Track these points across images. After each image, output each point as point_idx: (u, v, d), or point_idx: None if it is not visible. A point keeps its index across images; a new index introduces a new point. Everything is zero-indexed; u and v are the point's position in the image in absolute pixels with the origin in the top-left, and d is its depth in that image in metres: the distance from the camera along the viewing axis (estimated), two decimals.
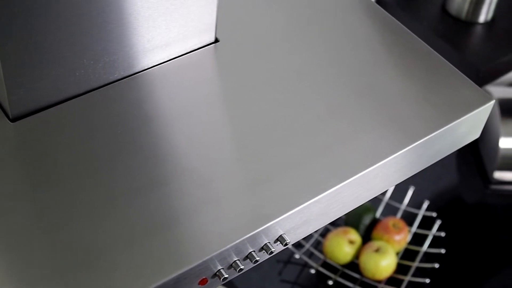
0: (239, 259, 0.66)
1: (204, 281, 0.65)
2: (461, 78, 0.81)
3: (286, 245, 0.68)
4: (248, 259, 0.67)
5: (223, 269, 0.65)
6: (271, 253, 0.67)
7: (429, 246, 1.39)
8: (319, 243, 1.37)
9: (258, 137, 0.72)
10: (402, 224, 1.35)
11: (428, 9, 1.42)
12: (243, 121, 0.74)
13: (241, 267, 0.66)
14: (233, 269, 0.66)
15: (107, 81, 0.75)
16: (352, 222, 1.37)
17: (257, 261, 0.67)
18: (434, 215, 1.44)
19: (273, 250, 0.67)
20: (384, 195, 1.45)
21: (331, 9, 0.87)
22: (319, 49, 0.82)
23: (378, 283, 1.31)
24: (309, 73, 0.79)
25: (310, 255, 1.36)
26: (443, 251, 1.37)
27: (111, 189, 0.67)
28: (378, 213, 1.42)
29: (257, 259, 0.67)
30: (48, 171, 0.67)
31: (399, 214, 1.43)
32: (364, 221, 1.36)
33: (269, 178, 0.69)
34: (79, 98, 0.73)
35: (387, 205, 1.45)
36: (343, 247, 1.31)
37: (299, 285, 1.32)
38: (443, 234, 1.40)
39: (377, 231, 1.35)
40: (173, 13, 0.74)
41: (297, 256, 1.34)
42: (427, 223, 1.42)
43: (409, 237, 1.39)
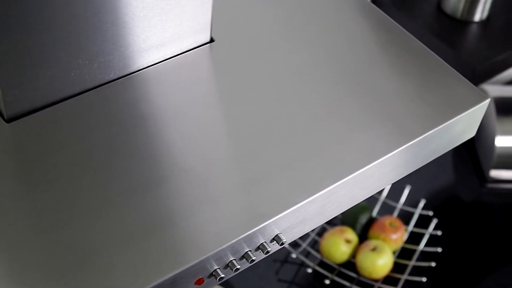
0: (235, 259, 0.66)
1: (200, 281, 0.65)
2: (456, 77, 0.81)
3: (282, 244, 0.68)
4: (244, 259, 0.67)
5: (219, 269, 0.65)
6: (267, 252, 0.67)
7: (426, 244, 1.39)
8: (315, 243, 1.37)
9: (254, 137, 0.72)
10: (398, 223, 1.35)
11: (423, 8, 1.43)
12: (239, 120, 0.74)
13: (237, 267, 0.66)
14: (229, 268, 0.66)
15: (102, 81, 0.75)
16: (348, 221, 1.37)
17: (253, 261, 0.67)
18: (430, 213, 1.44)
19: (269, 249, 0.67)
20: (380, 194, 1.45)
21: (326, 9, 0.87)
22: (314, 48, 0.82)
23: (375, 282, 1.31)
24: (304, 72, 0.79)
25: (306, 254, 1.36)
26: (439, 250, 1.37)
27: (108, 189, 0.66)
28: (374, 212, 1.42)
29: (253, 258, 0.67)
30: (44, 172, 0.67)
31: (396, 213, 1.43)
32: (360, 220, 1.36)
33: (265, 177, 0.69)
34: (74, 98, 0.73)
35: (384, 204, 1.45)
36: (340, 246, 1.31)
37: (296, 284, 1.32)
38: (439, 232, 1.40)
39: (374, 230, 1.35)
40: (168, 13, 0.74)
41: (293, 255, 1.34)
42: (423, 222, 1.43)
43: (406, 236, 1.39)
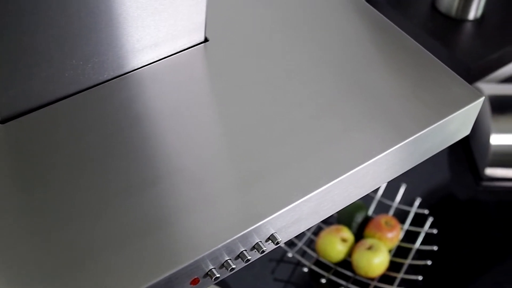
0: (230, 259, 0.66)
1: (195, 281, 0.65)
2: (451, 75, 0.81)
3: (277, 244, 0.68)
4: (239, 258, 0.67)
5: (214, 268, 0.65)
6: (263, 252, 0.67)
7: (422, 243, 1.39)
8: (311, 242, 1.37)
9: (248, 137, 0.72)
10: (394, 221, 1.35)
11: (418, 7, 1.43)
12: (233, 120, 0.74)
13: (233, 267, 0.66)
14: (224, 268, 0.66)
15: (97, 82, 0.75)
16: (344, 220, 1.37)
17: (248, 260, 0.67)
18: (426, 212, 1.44)
19: (264, 249, 0.67)
20: (376, 192, 1.46)
21: (321, 8, 0.87)
22: (309, 47, 0.82)
23: (371, 281, 1.31)
24: (299, 72, 0.79)
25: (302, 253, 1.36)
26: (435, 248, 1.38)
27: (103, 189, 0.66)
28: (370, 211, 1.42)
29: (249, 258, 0.67)
30: (39, 172, 0.67)
31: (391, 211, 1.43)
32: (356, 219, 1.36)
33: (259, 177, 0.69)
34: (69, 98, 0.73)
35: (379, 202, 1.45)
36: (336, 245, 1.31)
37: (292, 283, 1.32)
38: (435, 231, 1.41)
39: (370, 229, 1.35)
40: (162, 13, 0.74)
41: (289, 254, 1.34)
42: (419, 221, 1.43)
43: (402, 235, 1.39)
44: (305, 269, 1.33)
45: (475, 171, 1.52)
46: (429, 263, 1.35)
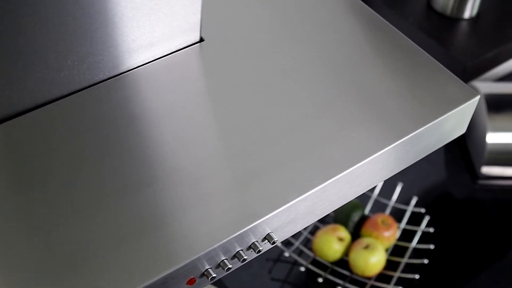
0: (227, 258, 0.66)
1: (192, 281, 0.64)
2: (446, 74, 0.81)
3: (273, 243, 0.68)
4: (236, 258, 0.67)
5: (211, 268, 0.65)
6: (259, 251, 0.67)
7: (418, 242, 1.39)
8: (308, 241, 1.37)
9: (244, 136, 0.72)
10: (391, 220, 1.35)
11: (413, 6, 1.43)
12: (229, 120, 0.74)
13: (229, 266, 0.66)
14: (221, 268, 0.66)
15: (92, 82, 0.75)
16: (341, 219, 1.37)
17: (245, 260, 0.67)
18: (422, 211, 1.44)
19: (260, 248, 0.67)
20: (372, 191, 1.46)
21: (316, 7, 0.87)
22: (304, 47, 0.82)
23: (367, 280, 1.31)
24: (295, 71, 0.79)
25: (299, 253, 1.36)
26: (432, 247, 1.38)
27: (99, 189, 0.66)
28: (366, 210, 1.42)
29: (245, 258, 0.66)
30: (35, 173, 0.67)
31: (388, 210, 1.43)
32: (353, 218, 1.36)
33: (255, 177, 0.69)
34: (65, 99, 0.73)
35: (376, 201, 1.45)
36: (333, 245, 1.31)
37: (289, 283, 1.32)
38: (431, 230, 1.41)
39: (366, 228, 1.35)
40: (157, 13, 0.74)
41: (286, 254, 1.34)
42: (415, 219, 1.43)
43: (398, 233, 1.39)
44: (302, 269, 1.33)
45: (471, 169, 1.52)
46: (426, 261, 1.35)
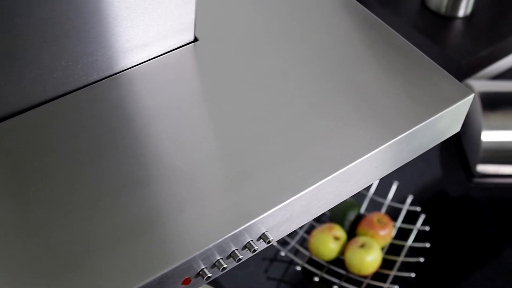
0: (222, 258, 0.66)
1: (187, 281, 0.64)
2: (441, 72, 0.81)
3: (269, 242, 0.68)
4: (231, 258, 0.67)
5: (206, 268, 0.65)
6: (254, 251, 0.67)
7: (414, 240, 1.39)
8: (304, 240, 1.37)
9: (239, 136, 0.72)
10: (386, 219, 1.35)
11: (407, 5, 1.43)
12: (224, 119, 0.74)
13: (224, 266, 0.66)
14: (216, 268, 0.66)
15: (86, 82, 0.74)
16: (336, 218, 1.37)
17: (240, 260, 0.67)
18: (418, 209, 1.44)
19: (256, 248, 0.67)
20: (368, 190, 1.46)
21: (310, 7, 0.87)
22: (299, 46, 0.82)
23: (364, 279, 1.31)
24: (289, 70, 0.79)
25: (295, 252, 1.36)
26: (427, 245, 1.38)
27: (94, 190, 0.66)
28: (362, 209, 1.42)
29: (240, 257, 0.66)
30: (30, 174, 0.67)
31: (384, 209, 1.43)
32: (348, 217, 1.36)
33: (250, 176, 0.69)
34: (59, 99, 0.73)
35: (371, 200, 1.45)
36: (328, 244, 1.31)
37: (285, 282, 1.32)
38: (427, 228, 1.41)
39: (362, 227, 1.35)
40: (151, 13, 0.74)
41: (282, 253, 1.34)
42: (411, 218, 1.43)
43: (394, 232, 1.39)
44: (298, 268, 1.33)
45: (466, 168, 1.52)
46: (422, 260, 1.35)
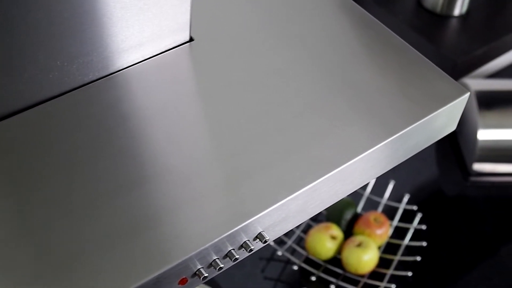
0: (218, 258, 0.66)
1: (184, 281, 0.64)
2: (436, 71, 0.81)
3: (265, 242, 0.68)
4: (227, 258, 0.67)
5: (202, 268, 0.65)
6: (251, 250, 0.67)
7: (411, 239, 1.39)
8: (301, 240, 1.37)
9: (235, 135, 0.72)
10: (383, 218, 1.36)
11: (403, 4, 1.43)
12: (220, 119, 0.73)
13: (221, 266, 0.66)
14: (212, 268, 0.66)
15: (82, 83, 0.74)
16: (333, 217, 1.37)
17: (236, 259, 0.67)
18: (415, 208, 1.44)
19: (252, 247, 0.67)
20: (364, 189, 1.46)
21: (306, 6, 0.87)
22: (294, 46, 0.82)
23: (361, 278, 1.32)
24: (285, 70, 0.79)
25: (292, 251, 1.36)
26: (424, 244, 1.38)
27: (91, 190, 0.66)
28: (359, 208, 1.42)
29: (237, 257, 0.66)
30: (26, 174, 0.67)
31: (380, 208, 1.43)
32: (345, 216, 1.37)
33: (246, 176, 0.69)
34: (55, 100, 0.73)
35: (368, 199, 1.45)
36: (325, 243, 1.31)
37: (282, 282, 1.32)
38: (424, 227, 1.41)
39: (359, 226, 1.35)
40: (147, 13, 0.74)
41: (279, 253, 1.34)
42: (408, 217, 1.43)
43: (391, 231, 1.39)
44: (295, 267, 1.33)
45: (463, 166, 1.53)
46: (419, 259, 1.36)
